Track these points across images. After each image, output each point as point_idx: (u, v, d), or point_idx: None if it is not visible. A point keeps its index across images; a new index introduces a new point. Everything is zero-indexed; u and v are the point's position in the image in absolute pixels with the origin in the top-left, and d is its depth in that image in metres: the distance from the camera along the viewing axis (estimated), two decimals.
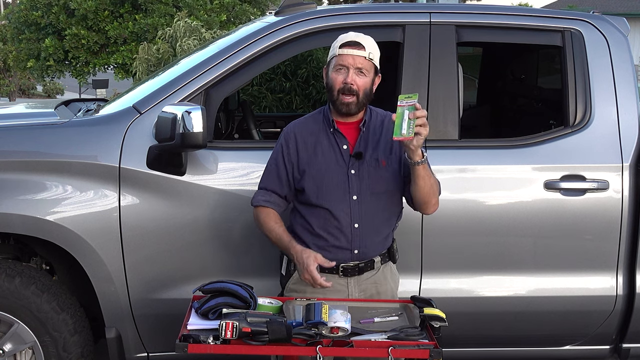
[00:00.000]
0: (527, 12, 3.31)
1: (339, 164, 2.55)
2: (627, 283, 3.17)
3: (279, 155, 2.62)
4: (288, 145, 2.60)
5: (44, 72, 11.90)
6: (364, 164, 2.55)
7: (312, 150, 2.57)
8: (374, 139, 2.58)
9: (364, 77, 2.50)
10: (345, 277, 2.58)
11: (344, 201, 2.53)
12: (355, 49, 2.49)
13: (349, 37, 2.52)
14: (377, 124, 2.61)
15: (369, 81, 2.53)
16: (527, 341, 3.29)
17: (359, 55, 2.49)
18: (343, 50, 2.50)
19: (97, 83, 10.84)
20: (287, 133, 2.64)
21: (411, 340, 2.22)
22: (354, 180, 2.54)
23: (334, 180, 2.54)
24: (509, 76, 4.65)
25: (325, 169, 2.55)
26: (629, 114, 3.15)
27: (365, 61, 2.50)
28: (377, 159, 2.56)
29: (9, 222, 2.85)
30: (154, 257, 2.95)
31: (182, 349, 2.14)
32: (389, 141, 2.56)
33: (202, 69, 3.00)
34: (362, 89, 2.50)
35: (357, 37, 2.53)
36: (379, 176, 2.56)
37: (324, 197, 2.54)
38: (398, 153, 2.57)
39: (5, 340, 2.91)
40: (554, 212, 3.08)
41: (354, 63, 2.49)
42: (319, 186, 2.55)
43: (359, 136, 2.57)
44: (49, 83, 17.22)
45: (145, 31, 10.37)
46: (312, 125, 2.62)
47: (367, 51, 2.50)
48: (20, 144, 2.94)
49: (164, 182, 2.90)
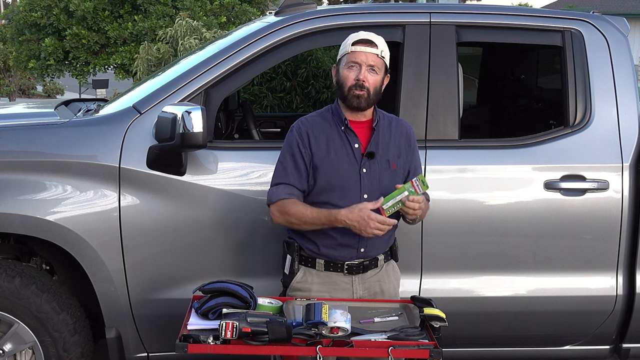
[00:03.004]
0: (527, 12, 3.31)
1: (351, 162, 2.56)
2: (627, 283, 3.17)
3: (295, 150, 2.57)
4: (302, 140, 2.57)
5: (44, 71, 11.90)
6: (376, 163, 2.56)
7: (325, 148, 2.56)
8: (384, 140, 2.60)
9: (375, 74, 2.53)
10: (349, 275, 2.59)
11: (355, 199, 2.53)
12: (368, 47, 2.51)
13: (362, 35, 2.55)
14: (385, 126, 2.64)
15: (380, 79, 2.56)
16: (527, 341, 3.29)
17: (372, 52, 2.51)
18: (356, 47, 2.52)
19: (97, 83, 10.83)
20: (299, 129, 2.60)
21: (411, 340, 2.22)
22: (366, 179, 2.55)
23: (346, 178, 2.55)
24: (509, 76, 4.65)
25: (337, 167, 2.55)
26: (629, 114, 3.15)
27: (377, 59, 2.53)
28: (387, 160, 2.59)
29: (9, 222, 2.85)
30: (154, 257, 2.95)
31: (182, 349, 2.14)
32: (397, 145, 2.62)
33: (202, 69, 3.00)
34: (372, 86, 2.53)
35: (369, 35, 2.56)
36: (389, 177, 2.58)
37: (335, 194, 2.54)
38: (404, 160, 2.63)
39: (5, 340, 2.91)
40: (554, 212, 3.08)
41: (367, 60, 2.51)
42: (330, 183, 2.55)
43: (371, 136, 2.58)
44: (49, 83, 17.20)
45: (145, 33, 10.37)
46: (323, 123, 2.61)
47: (380, 49, 2.53)
48: (21, 144, 2.94)
49: (164, 182, 2.90)
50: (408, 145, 2.66)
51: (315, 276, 2.60)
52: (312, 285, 2.58)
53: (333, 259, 2.58)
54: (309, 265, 2.61)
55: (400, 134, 2.65)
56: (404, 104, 3.07)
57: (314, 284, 2.57)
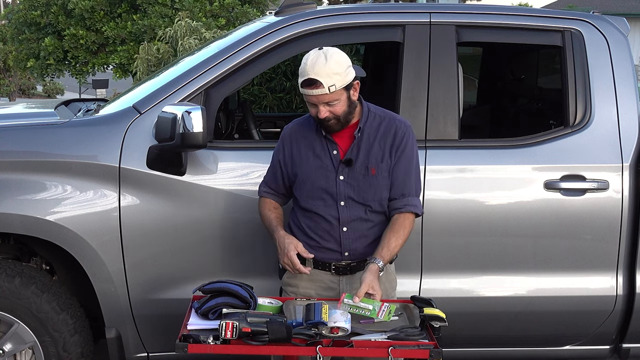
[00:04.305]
0: (527, 12, 3.31)
1: (329, 169, 2.55)
2: (627, 283, 3.17)
3: (276, 156, 2.67)
4: (284, 148, 2.64)
5: (44, 71, 11.90)
6: (354, 170, 2.54)
7: (305, 155, 2.58)
8: (367, 146, 2.55)
9: (335, 105, 2.43)
10: (337, 275, 2.60)
11: (332, 206, 2.55)
12: (314, 89, 2.39)
13: (305, 73, 2.39)
14: (373, 128, 2.57)
15: (344, 103, 2.45)
16: (527, 341, 3.29)
17: (320, 93, 2.40)
18: (304, 90, 2.43)
19: (97, 83, 10.84)
20: (284, 135, 2.67)
21: (411, 340, 2.22)
22: (342, 186, 2.54)
23: (323, 185, 2.55)
24: (509, 76, 4.65)
25: (314, 174, 2.56)
26: (629, 114, 3.15)
27: (329, 95, 2.40)
28: (367, 166, 2.54)
29: (9, 222, 2.85)
30: (154, 257, 2.95)
31: (182, 349, 2.14)
32: (381, 148, 2.55)
33: (202, 69, 3.00)
34: (338, 113, 2.46)
35: (313, 70, 2.38)
36: (368, 184, 2.54)
37: (313, 201, 2.57)
38: (388, 163, 2.56)
39: (5, 340, 2.91)
40: (554, 212, 3.08)
41: (319, 100, 2.42)
42: (308, 190, 2.57)
43: (352, 142, 2.55)
44: (49, 83, 17.19)
45: (143, 32, 10.37)
46: (308, 128, 2.62)
47: (326, 86, 2.37)
48: (21, 144, 2.94)
49: (164, 182, 2.90)
50: (392, 144, 2.55)
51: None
52: (300, 282, 2.60)
53: (319, 260, 2.60)
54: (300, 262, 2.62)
55: (388, 135, 2.56)
56: (404, 104, 3.07)
57: (302, 280, 2.59)
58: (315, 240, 2.58)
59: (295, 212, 2.67)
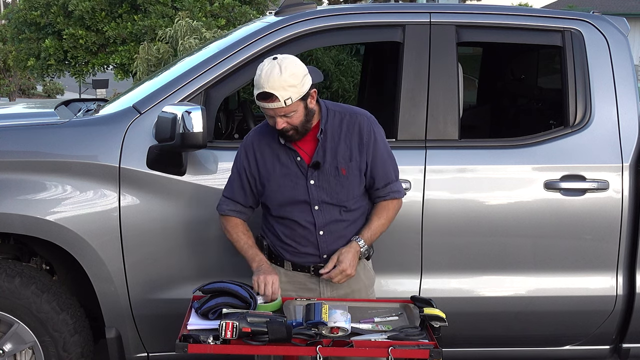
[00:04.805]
0: (527, 12, 3.31)
1: (297, 176, 2.54)
2: (627, 283, 3.17)
3: (241, 168, 2.61)
4: (248, 159, 2.59)
5: (44, 71, 11.90)
6: (324, 173, 2.52)
7: (271, 165, 2.56)
8: (333, 146, 2.53)
9: (292, 116, 2.41)
10: (316, 276, 2.60)
11: (306, 211, 2.54)
12: (270, 102, 2.36)
13: (260, 86, 2.35)
14: (336, 127, 2.55)
15: (301, 114, 2.42)
16: (527, 341, 3.29)
17: (276, 107, 2.37)
18: (260, 103, 2.39)
19: (97, 83, 10.83)
20: (246, 145, 2.62)
21: (411, 340, 2.22)
22: (314, 190, 2.53)
23: (294, 193, 2.54)
24: (509, 76, 4.65)
25: (284, 183, 2.54)
26: (629, 114, 3.15)
27: (285, 108, 2.37)
28: (337, 167, 2.52)
29: (9, 222, 2.85)
30: (153, 257, 2.95)
31: (182, 349, 2.15)
32: (347, 146, 2.53)
33: (202, 69, 3.00)
34: (296, 123, 2.44)
35: (268, 83, 2.33)
36: (340, 185, 2.53)
37: (287, 209, 2.56)
38: (358, 161, 2.54)
39: (5, 340, 2.91)
40: (554, 212, 3.08)
41: (275, 113, 2.39)
42: (280, 199, 2.56)
43: (317, 145, 2.53)
44: (49, 83, 17.20)
45: (144, 32, 10.37)
46: (270, 137, 2.58)
47: (282, 100, 2.34)
48: (21, 144, 2.94)
49: (164, 182, 2.90)
50: (360, 141, 2.53)
51: (283, 275, 2.61)
52: (281, 284, 2.57)
53: (298, 264, 2.61)
54: (278, 264, 2.64)
55: (352, 132, 2.54)
56: (404, 104, 3.07)
57: (282, 282, 2.58)
58: (292, 246, 2.58)
59: (268, 220, 2.65)
